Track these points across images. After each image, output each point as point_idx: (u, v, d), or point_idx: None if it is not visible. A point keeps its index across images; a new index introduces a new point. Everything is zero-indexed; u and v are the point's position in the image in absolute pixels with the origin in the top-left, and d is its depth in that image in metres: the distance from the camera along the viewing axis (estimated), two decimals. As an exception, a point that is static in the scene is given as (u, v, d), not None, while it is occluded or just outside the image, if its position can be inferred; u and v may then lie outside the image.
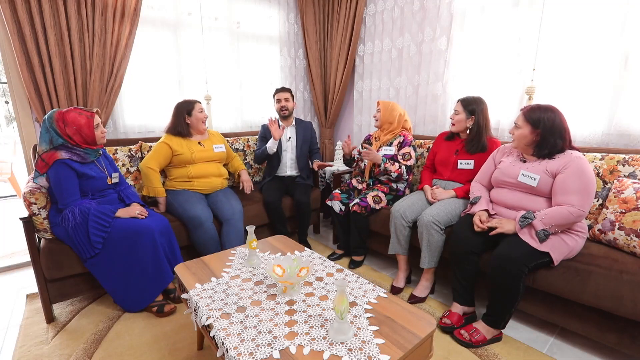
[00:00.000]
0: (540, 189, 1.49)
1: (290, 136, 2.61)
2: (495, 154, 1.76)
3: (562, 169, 1.43)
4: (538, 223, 1.41)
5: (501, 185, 1.65)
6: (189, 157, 2.10)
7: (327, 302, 1.16)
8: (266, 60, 3.18)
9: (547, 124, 1.45)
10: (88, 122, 1.65)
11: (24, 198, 1.58)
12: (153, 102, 2.59)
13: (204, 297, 1.19)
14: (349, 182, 2.40)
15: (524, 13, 2.08)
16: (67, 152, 1.62)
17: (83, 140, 1.66)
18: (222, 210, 2.08)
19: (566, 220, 1.39)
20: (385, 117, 2.25)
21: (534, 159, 1.55)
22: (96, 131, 1.68)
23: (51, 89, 2.11)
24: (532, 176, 1.50)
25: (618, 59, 1.78)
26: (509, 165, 1.62)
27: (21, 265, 2.39)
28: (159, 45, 2.57)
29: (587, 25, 1.85)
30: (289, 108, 2.56)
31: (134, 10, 2.28)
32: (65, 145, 1.63)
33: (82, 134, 1.64)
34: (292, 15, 3.28)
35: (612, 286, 1.30)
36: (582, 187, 1.39)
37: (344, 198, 2.30)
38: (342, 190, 2.36)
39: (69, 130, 1.61)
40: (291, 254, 1.55)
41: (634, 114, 1.77)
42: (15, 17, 1.96)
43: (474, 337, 1.50)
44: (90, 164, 1.72)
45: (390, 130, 2.27)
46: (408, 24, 2.73)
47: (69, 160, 1.60)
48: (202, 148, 2.17)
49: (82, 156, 1.66)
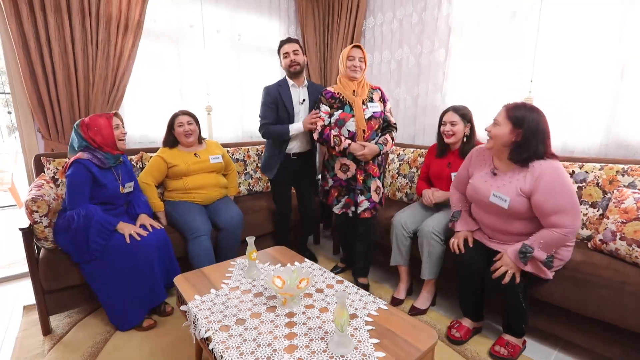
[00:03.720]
0: (513, 210, 1.39)
1: (304, 98, 2.14)
2: (469, 157, 1.64)
3: (536, 186, 1.32)
4: (540, 254, 1.33)
5: (476, 204, 1.58)
6: (184, 169, 2.08)
7: (327, 314, 1.15)
8: (267, 71, 3.21)
9: (531, 125, 1.32)
10: (107, 122, 1.73)
11: (26, 206, 1.57)
12: (154, 112, 2.61)
13: (202, 309, 1.18)
14: (332, 177, 1.99)
15: (520, 25, 2.11)
16: (89, 154, 1.68)
17: (104, 142, 1.72)
18: (221, 217, 2.07)
19: (564, 242, 1.35)
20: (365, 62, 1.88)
21: (506, 169, 1.44)
22: (115, 131, 1.74)
23: (54, 100, 2.13)
24: (503, 197, 1.40)
25: (614, 70, 1.80)
26: (481, 180, 1.51)
27: (18, 276, 2.37)
28: (161, 56, 2.61)
29: (583, 37, 1.88)
30: (300, 62, 2.07)
31: (137, 23, 2.32)
32: (89, 147, 1.71)
33: (102, 134, 1.71)
34: (293, 28, 3.33)
35: (615, 297, 1.29)
36: (562, 205, 1.29)
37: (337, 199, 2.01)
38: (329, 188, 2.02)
39: (91, 132, 1.70)
40: (291, 265, 1.54)
41: (631, 125, 1.78)
42: (21, 30, 1.99)
43: (510, 350, 1.48)
44: (108, 171, 1.76)
45: (364, 81, 1.92)
46: (407, 36, 2.78)
47: (89, 161, 1.65)
48: (197, 159, 2.14)
49: (102, 160, 1.71)
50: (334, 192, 2.01)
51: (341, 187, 1.99)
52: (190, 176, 2.11)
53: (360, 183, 1.92)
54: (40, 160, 1.97)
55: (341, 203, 1.99)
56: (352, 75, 1.86)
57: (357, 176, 1.92)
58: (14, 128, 5.54)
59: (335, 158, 1.96)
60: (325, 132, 1.90)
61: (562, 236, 1.31)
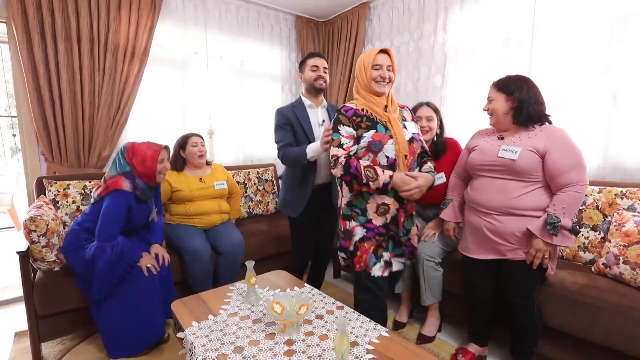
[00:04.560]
0: (521, 164, 1.33)
1: (323, 119, 1.87)
2: (469, 141, 1.62)
3: (549, 145, 1.32)
4: (566, 221, 1.29)
5: (479, 173, 1.48)
6: (188, 195, 2.07)
7: (327, 341, 1.12)
8: (268, 96, 3.29)
9: (521, 90, 1.37)
10: (154, 154, 1.68)
11: (24, 225, 1.57)
12: (157, 135, 2.65)
13: (200, 337, 1.15)
14: (365, 225, 1.44)
15: (514, 52, 2.19)
16: (130, 184, 1.64)
17: (144, 172, 1.67)
18: (221, 242, 2.05)
19: (580, 201, 1.32)
20: None
21: (514, 132, 1.43)
22: (159, 165, 1.70)
23: (59, 124, 2.17)
24: (513, 149, 1.36)
25: (607, 96, 1.84)
26: (488, 145, 1.47)
27: (11, 301, 2.32)
28: (165, 81, 2.68)
29: (575, 64, 1.93)
30: (326, 81, 1.84)
31: (143, 50, 2.40)
32: (131, 174, 1.65)
33: (145, 165, 1.66)
34: (294, 55, 3.44)
35: (622, 323, 1.27)
36: (576, 161, 1.32)
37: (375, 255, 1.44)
38: (357, 242, 1.45)
39: (135, 159, 1.66)
40: (291, 290, 1.51)
41: (626, 149, 1.81)
42: (32, 56, 2.06)
43: None
44: (144, 204, 1.74)
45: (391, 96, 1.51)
46: (404, 63, 2.86)
47: (130, 194, 1.63)
48: (202, 185, 2.13)
49: (143, 192, 1.68)
50: (369, 247, 1.42)
51: (379, 236, 1.44)
52: (193, 202, 2.10)
53: (402, 227, 1.46)
54: (42, 183, 1.98)
55: (382, 261, 1.43)
56: (378, 90, 1.42)
57: (399, 218, 1.45)
58: (17, 149, 5.60)
59: (368, 197, 1.43)
60: (351, 165, 1.35)
61: (577, 194, 1.30)
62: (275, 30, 3.28)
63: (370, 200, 1.43)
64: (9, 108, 5.19)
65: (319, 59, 1.83)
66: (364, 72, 1.43)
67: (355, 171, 1.35)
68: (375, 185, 1.34)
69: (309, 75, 1.82)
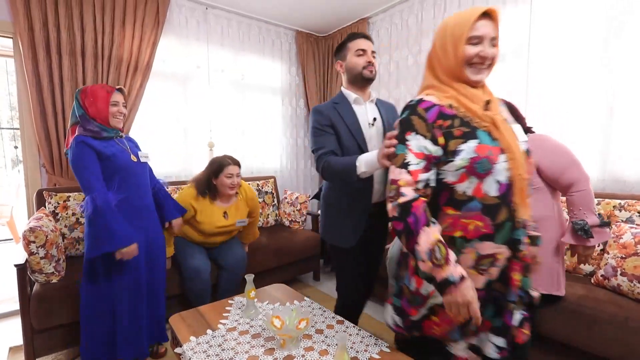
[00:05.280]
0: None
1: (374, 117, 1.41)
2: None
3: (539, 154, 1.34)
4: (592, 218, 1.29)
5: None
6: (207, 230, 1.95)
7: (327, 357, 1.11)
8: (268, 109, 3.33)
9: None
10: (106, 95, 1.55)
11: (24, 236, 1.56)
12: (158, 148, 2.67)
13: (198, 352, 1.14)
14: None
15: (511, 66, 2.22)
16: (84, 128, 1.53)
17: (97, 114, 1.53)
18: (224, 258, 2.04)
19: (591, 195, 1.33)
20: None
21: None
22: (112, 108, 1.56)
23: (61, 136, 2.19)
24: None
25: (604, 109, 1.87)
26: None
27: (6, 315, 2.29)
28: (168, 95, 2.71)
29: (572, 77, 1.96)
30: (375, 68, 1.41)
31: (146, 65, 2.45)
32: (84, 117, 1.53)
33: (97, 106, 1.53)
34: (294, 69, 3.50)
35: (619, 334, 1.28)
36: (569, 159, 1.34)
37: None
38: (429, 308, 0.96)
39: (87, 101, 1.53)
40: (290, 304, 1.50)
41: (624, 161, 1.82)
42: (36, 71, 2.09)
43: None
44: (110, 141, 1.58)
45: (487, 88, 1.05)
46: (403, 77, 2.91)
47: (85, 137, 1.50)
48: (225, 222, 1.98)
49: (96, 131, 1.53)
50: None
51: None
52: (208, 234, 1.99)
53: (515, 287, 0.90)
54: (43, 195, 1.99)
55: (468, 341, 0.95)
56: (473, 77, 0.93)
57: (511, 274, 0.90)
58: (18, 161, 5.61)
59: (462, 245, 0.89)
60: (412, 211, 0.85)
61: (583, 191, 1.31)
62: (276, 45, 3.35)
63: (466, 249, 0.89)
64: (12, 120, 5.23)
65: (365, 40, 1.39)
66: (451, 47, 0.92)
67: (415, 228, 0.83)
68: (430, 272, 0.83)
69: (353, 62, 1.38)
